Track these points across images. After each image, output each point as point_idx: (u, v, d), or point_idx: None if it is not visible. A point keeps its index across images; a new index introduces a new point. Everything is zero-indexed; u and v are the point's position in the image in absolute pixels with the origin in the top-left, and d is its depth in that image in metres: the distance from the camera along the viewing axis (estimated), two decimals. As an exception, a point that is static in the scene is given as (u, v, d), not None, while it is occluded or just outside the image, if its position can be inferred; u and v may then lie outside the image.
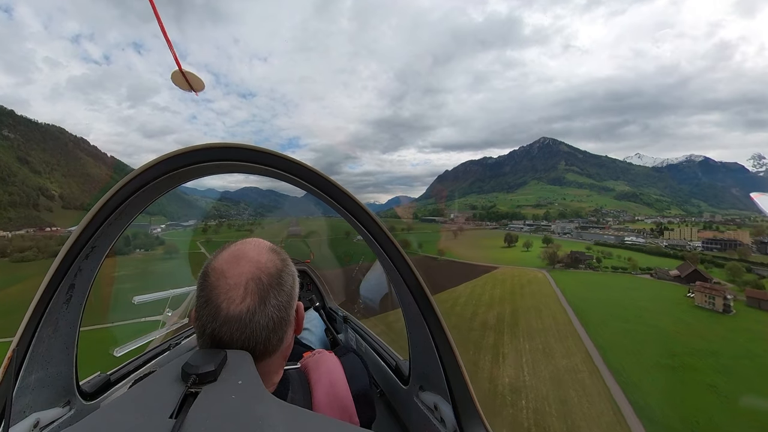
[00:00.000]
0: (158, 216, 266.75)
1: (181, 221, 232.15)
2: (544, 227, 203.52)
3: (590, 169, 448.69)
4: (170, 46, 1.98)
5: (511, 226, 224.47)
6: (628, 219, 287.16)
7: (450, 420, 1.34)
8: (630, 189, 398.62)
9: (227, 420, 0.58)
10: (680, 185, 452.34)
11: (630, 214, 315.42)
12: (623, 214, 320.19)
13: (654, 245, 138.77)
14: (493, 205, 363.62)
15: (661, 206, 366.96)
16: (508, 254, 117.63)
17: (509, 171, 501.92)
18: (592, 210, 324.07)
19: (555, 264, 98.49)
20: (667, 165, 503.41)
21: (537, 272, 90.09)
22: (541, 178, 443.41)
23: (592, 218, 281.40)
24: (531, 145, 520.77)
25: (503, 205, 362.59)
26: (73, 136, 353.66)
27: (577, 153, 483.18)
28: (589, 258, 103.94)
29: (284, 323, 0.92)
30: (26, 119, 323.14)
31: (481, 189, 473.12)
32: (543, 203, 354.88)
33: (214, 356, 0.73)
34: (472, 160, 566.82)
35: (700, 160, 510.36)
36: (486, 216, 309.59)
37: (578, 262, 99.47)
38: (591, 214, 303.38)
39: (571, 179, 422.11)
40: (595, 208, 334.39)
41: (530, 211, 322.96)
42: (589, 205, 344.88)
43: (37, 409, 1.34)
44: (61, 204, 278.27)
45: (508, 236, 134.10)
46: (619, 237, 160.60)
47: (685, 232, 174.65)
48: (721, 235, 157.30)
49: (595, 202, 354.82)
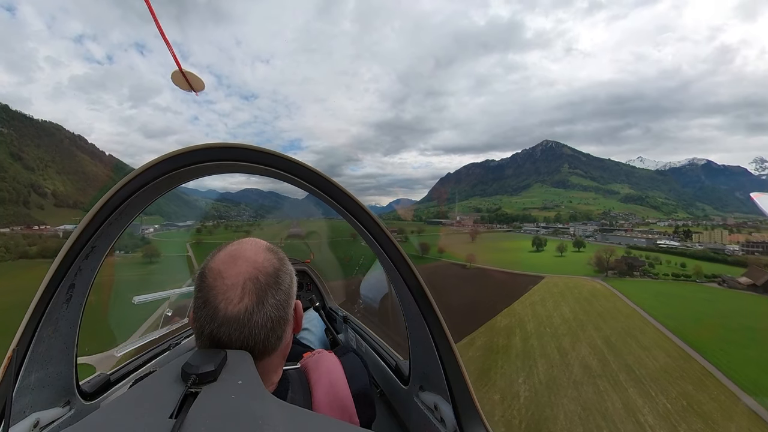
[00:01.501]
0: (155, 216, 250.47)
1: (177, 221, 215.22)
2: (563, 230, 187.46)
3: (594, 172, 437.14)
4: (169, 47, 1.97)
5: (525, 228, 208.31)
6: (639, 222, 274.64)
7: (450, 420, 1.31)
8: (634, 192, 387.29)
9: (227, 420, 0.57)
10: (684, 188, 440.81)
11: (639, 217, 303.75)
12: (632, 217, 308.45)
13: (698, 249, 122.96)
14: (498, 208, 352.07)
15: (668, 209, 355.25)
16: (542, 260, 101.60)
17: (512, 174, 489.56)
18: (601, 213, 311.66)
19: (606, 271, 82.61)
20: (670, 168, 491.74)
21: (592, 282, 74.37)
22: (544, 181, 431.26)
23: (604, 221, 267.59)
24: (534, 148, 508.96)
25: (508, 208, 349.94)
26: (69, 133, 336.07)
27: (580, 156, 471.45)
28: (642, 264, 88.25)
29: (283, 322, 0.90)
30: (21, 114, 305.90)
31: (484, 192, 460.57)
32: (549, 206, 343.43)
33: (213, 356, 0.72)
34: (475, 162, 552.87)
35: (702, 164, 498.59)
36: (493, 218, 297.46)
37: (632, 268, 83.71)
38: (601, 217, 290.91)
39: (575, 182, 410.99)
40: (603, 210, 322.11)
41: (536, 213, 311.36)
42: (597, 208, 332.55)
43: (37, 409, 1.32)
44: (54, 202, 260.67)
45: (536, 240, 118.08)
46: (651, 240, 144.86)
47: (715, 235, 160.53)
48: (758, 237, 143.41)
49: (602, 205, 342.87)
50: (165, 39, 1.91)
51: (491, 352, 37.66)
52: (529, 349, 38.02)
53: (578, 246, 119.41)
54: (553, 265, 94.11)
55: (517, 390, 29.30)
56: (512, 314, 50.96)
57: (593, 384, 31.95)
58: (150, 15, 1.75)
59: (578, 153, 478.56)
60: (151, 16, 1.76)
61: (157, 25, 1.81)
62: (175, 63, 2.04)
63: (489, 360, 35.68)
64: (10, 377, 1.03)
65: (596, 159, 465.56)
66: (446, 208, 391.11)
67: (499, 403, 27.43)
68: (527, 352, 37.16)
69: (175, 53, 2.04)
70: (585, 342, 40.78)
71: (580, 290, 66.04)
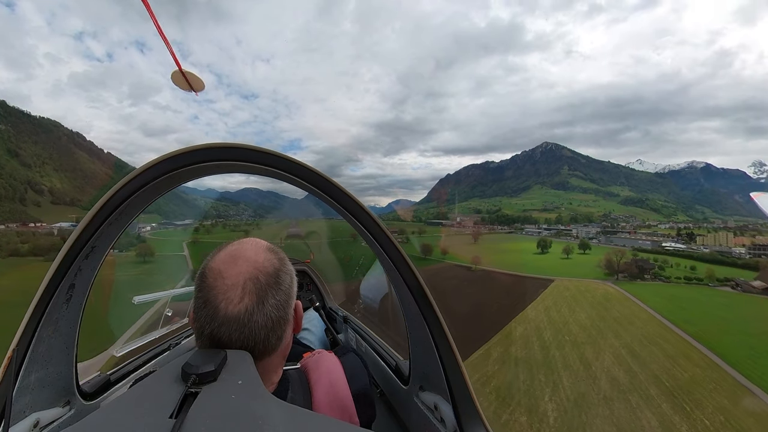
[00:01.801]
0: (153, 215, 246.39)
1: (174, 220, 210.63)
2: (565, 231, 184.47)
3: (593, 174, 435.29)
4: (168, 46, 1.96)
5: (527, 230, 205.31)
6: (640, 224, 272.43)
7: (450, 420, 1.30)
8: (634, 194, 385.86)
9: (227, 420, 0.57)
10: (683, 191, 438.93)
11: (639, 220, 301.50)
12: (632, 219, 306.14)
13: (705, 252, 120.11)
14: (498, 209, 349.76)
15: (668, 212, 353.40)
16: (548, 262, 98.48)
17: (512, 175, 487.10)
18: (601, 215, 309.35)
19: (617, 274, 79.52)
20: (669, 171, 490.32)
21: (603, 285, 71.29)
22: (544, 183, 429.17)
23: (605, 223, 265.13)
24: (533, 150, 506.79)
25: (508, 209, 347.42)
26: (68, 130, 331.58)
27: (579, 158, 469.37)
28: (653, 266, 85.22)
29: (283, 322, 0.90)
30: (18, 110, 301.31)
31: (484, 193, 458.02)
32: (549, 207, 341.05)
33: (213, 356, 0.71)
34: (474, 164, 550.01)
35: (701, 167, 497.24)
36: (493, 220, 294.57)
37: (643, 271, 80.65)
38: (601, 219, 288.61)
39: (575, 184, 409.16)
40: (604, 212, 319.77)
41: (537, 215, 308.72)
42: (597, 210, 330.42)
43: (37, 409, 1.31)
44: (51, 199, 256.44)
45: (541, 241, 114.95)
46: (656, 242, 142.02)
47: (720, 238, 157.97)
48: (763, 240, 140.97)
49: (602, 207, 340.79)
50: (164, 39, 1.90)
51: (510, 364, 34.52)
52: (550, 361, 34.96)
53: (583, 248, 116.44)
54: (560, 267, 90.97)
55: (544, 409, 26.26)
56: (526, 321, 47.66)
57: (624, 400, 28.82)
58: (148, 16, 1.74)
59: (578, 155, 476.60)
60: (151, 18, 1.73)
61: (156, 25, 1.79)
62: (175, 63, 2.04)
63: (509, 374, 32.53)
64: (10, 377, 1.03)
65: (596, 161, 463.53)
66: (446, 209, 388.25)
67: (527, 426, 24.24)
68: (549, 364, 34.06)
69: (175, 53, 2.03)
70: (608, 351, 37.64)
71: (592, 294, 62.95)
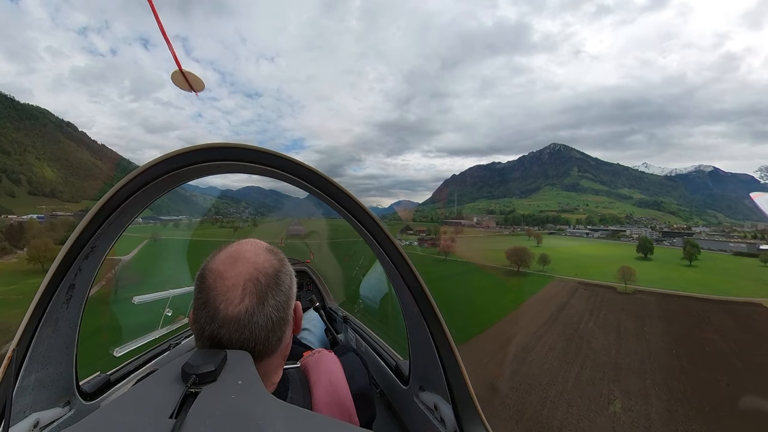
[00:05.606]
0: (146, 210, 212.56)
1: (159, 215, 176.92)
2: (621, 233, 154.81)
3: (603, 176, 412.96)
4: (169, 46, 1.91)
5: (569, 231, 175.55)
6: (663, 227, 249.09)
7: (450, 420, 1.28)
8: (645, 197, 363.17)
9: (227, 420, 0.56)
10: (692, 195, 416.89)
11: (661, 222, 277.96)
12: (655, 221, 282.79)
13: None
14: (512, 210, 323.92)
15: (685, 215, 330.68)
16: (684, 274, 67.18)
17: (519, 176, 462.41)
18: (624, 217, 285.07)
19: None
20: (677, 174, 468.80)
21: None
22: (554, 184, 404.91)
23: (661, 225, 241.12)
24: (541, 151, 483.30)
25: (522, 210, 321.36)
26: (56, 118, 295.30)
27: (589, 160, 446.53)
28: None
29: (283, 323, 0.87)
30: (1, 95, 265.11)
31: (491, 194, 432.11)
32: (567, 209, 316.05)
33: (213, 356, 0.69)
34: (480, 165, 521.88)
35: (709, 171, 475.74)
36: (509, 220, 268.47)
37: None
38: (626, 221, 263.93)
39: (585, 186, 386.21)
40: (626, 214, 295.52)
41: (556, 215, 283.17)
42: (616, 211, 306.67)
43: (37, 409, 1.27)
44: (28, 189, 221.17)
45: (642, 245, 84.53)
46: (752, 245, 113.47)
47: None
48: None
49: (620, 209, 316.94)
50: (166, 38, 1.82)
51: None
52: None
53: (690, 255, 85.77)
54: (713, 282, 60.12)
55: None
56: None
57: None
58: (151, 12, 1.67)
59: (587, 157, 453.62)
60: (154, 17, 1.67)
61: (159, 24, 1.73)
62: (175, 63, 1.94)
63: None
64: (10, 377, 1.00)
65: (606, 163, 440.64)
66: (457, 209, 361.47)
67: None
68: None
69: (177, 51, 1.97)
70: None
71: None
